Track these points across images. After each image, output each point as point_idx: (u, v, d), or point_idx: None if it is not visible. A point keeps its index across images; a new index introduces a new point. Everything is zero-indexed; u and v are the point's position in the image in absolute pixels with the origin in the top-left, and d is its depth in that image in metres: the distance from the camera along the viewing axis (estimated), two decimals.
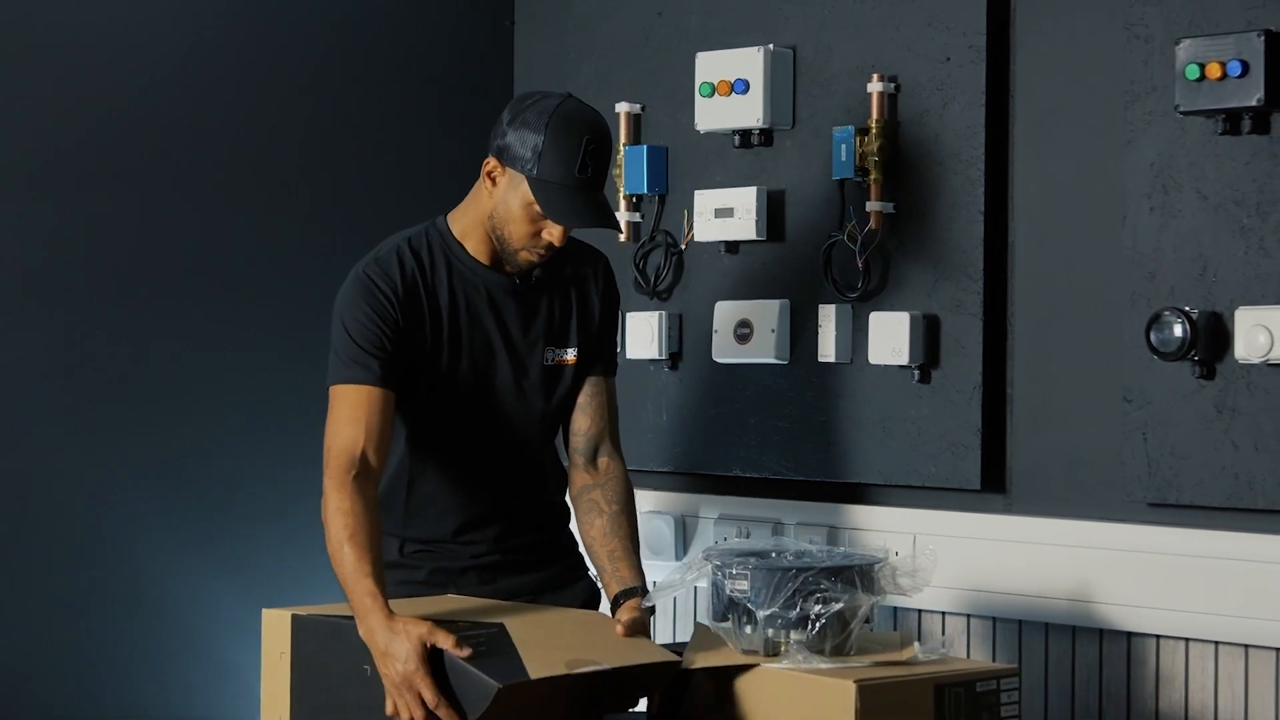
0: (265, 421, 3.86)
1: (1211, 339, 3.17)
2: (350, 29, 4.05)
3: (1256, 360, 3.09)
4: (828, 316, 3.61)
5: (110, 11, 3.68)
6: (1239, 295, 3.15)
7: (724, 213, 3.72)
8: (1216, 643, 3.19)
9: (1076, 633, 3.36)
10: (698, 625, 2.93)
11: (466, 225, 3.07)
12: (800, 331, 3.68)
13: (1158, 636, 3.26)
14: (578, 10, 4.09)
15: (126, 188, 3.68)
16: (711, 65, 3.74)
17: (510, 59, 4.33)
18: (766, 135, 3.74)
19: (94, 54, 3.65)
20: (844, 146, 3.56)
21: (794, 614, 2.70)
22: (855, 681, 2.58)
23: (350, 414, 2.93)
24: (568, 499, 3.21)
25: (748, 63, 3.69)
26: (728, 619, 2.77)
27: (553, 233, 2.97)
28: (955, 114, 3.49)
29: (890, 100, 3.57)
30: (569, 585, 3.20)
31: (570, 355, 3.12)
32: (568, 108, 2.95)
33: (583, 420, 3.17)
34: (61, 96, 3.60)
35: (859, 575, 2.74)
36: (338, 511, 2.85)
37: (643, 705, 2.88)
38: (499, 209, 2.99)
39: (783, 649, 2.72)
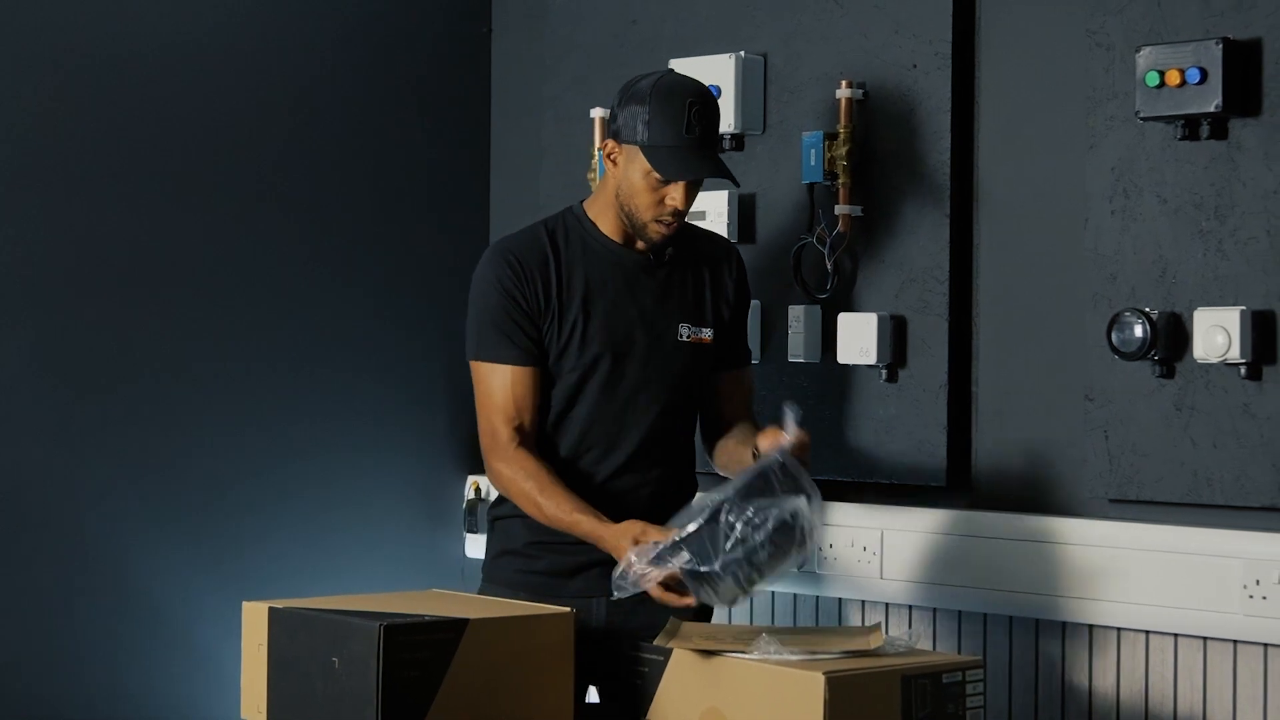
0: (248, 420, 3.84)
1: (1171, 339, 3.16)
2: (329, 36, 4.04)
3: (1215, 360, 3.09)
4: (797, 317, 3.60)
5: (104, 13, 3.65)
6: (1198, 296, 3.15)
7: (696, 215, 3.71)
8: (1176, 635, 3.19)
9: (1039, 625, 3.36)
10: (671, 620, 2.92)
11: (599, 208, 3.12)
12: (771, 332, 3.67)
13: (1118, 629, 3.26)
14: (553, 18, 4.08)
15: (111, 190, 3.66)
16: (684, 71, 3.72)
17: (488, 65, 4.32)
18: (738, 140, 3.73)
19: (86, 56, 3.62)
20: (813, 151, 3.55)
21: (741, 549, 2.71)
22: (824, 673, 2.57)
23: (501, 397, 3.03)
24: (715, 469, 3.23)
25: (719, 69, 3.68)
26: (700, 593, 2.77)
27: (675, 196, 3.01)
28: (922, 120, 3.49)
29: (858, 106, 3.56)
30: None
31: (707, 335, 3.14)
32: (668, 78, 3.05)
33: (726, 408, 3.21)
34: (50, 99, 3.58)
35: (769, 479, 2.74)
36: (513, 480, 3.01)
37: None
38: (623, 186, 3.04)
39: (756, 582, 2.72)
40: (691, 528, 2.75)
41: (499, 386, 3.05)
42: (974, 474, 3.47)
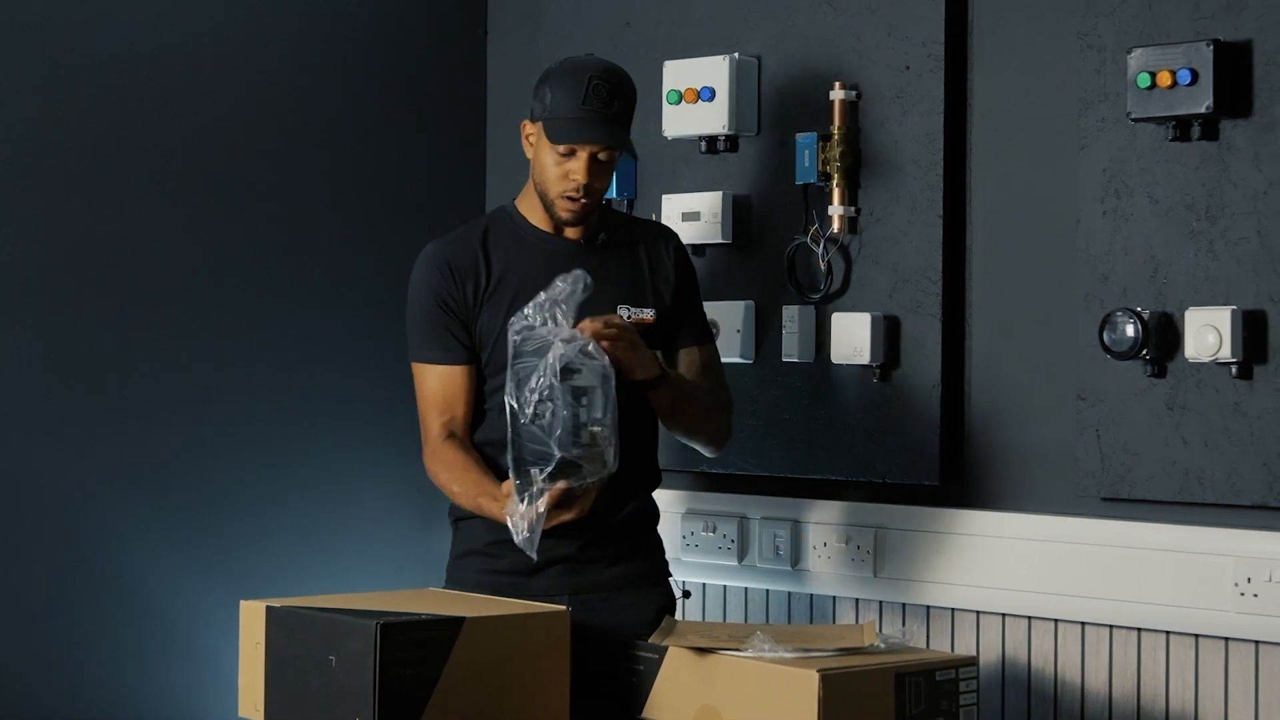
0: (246, 420, 3.84)
1: (1162, 339, 3.16)
2: (326, 39, 4.03)
3: (1206, 359, 3.09)
4: (791, 317, 3.60)
5: (105, 13, 3.65)
6: (1189, 296, 3.15)
7: (691, 216, 3.71)
8: (1168, 632, 3.19)
9: (1032, 623, 3.36)
10: (666, 618, 2.92)
11: (529, 201, 3.16)
12: (765, 332, 3.67)
13: (1111, 626, 3.26)
14: (549, 20, 4.08)
15: (107, 190, 3.66)
16: (679, 73, 3.73)
17: (483, 68, 4.32)
18: (732, 141, 3.73)
19: (85, 56, 3.62)
20: (807, 152, 3.55)
21: (560, 420, 2.77)
22: (818, 671, 2.57)
23: (433, 395, 3.10)
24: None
25: (714, 71, 3.68)
26: (582, 478, 2.82)
27: (575, 170, 3.04)
28: (915, 121, 3.49)
29: (852, 108, 3.56)
30: (647, 587, 3.16)
31: (648, 314, 3.13)
32: (575, 58, 3.12)
33: None
34: (41, 99, 3.57)
35: (515, 353, 2.81)
36: (436, 474, 3.07)
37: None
38: (535, 166, 3.10)
39: (601, 424, 2.79)
40: (510, 453, 2.82)
41: (431, 385, 3.10)
42: (967, 473, 3.47)
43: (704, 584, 3.82)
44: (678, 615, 3.24)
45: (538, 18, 4.13)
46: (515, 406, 2.80)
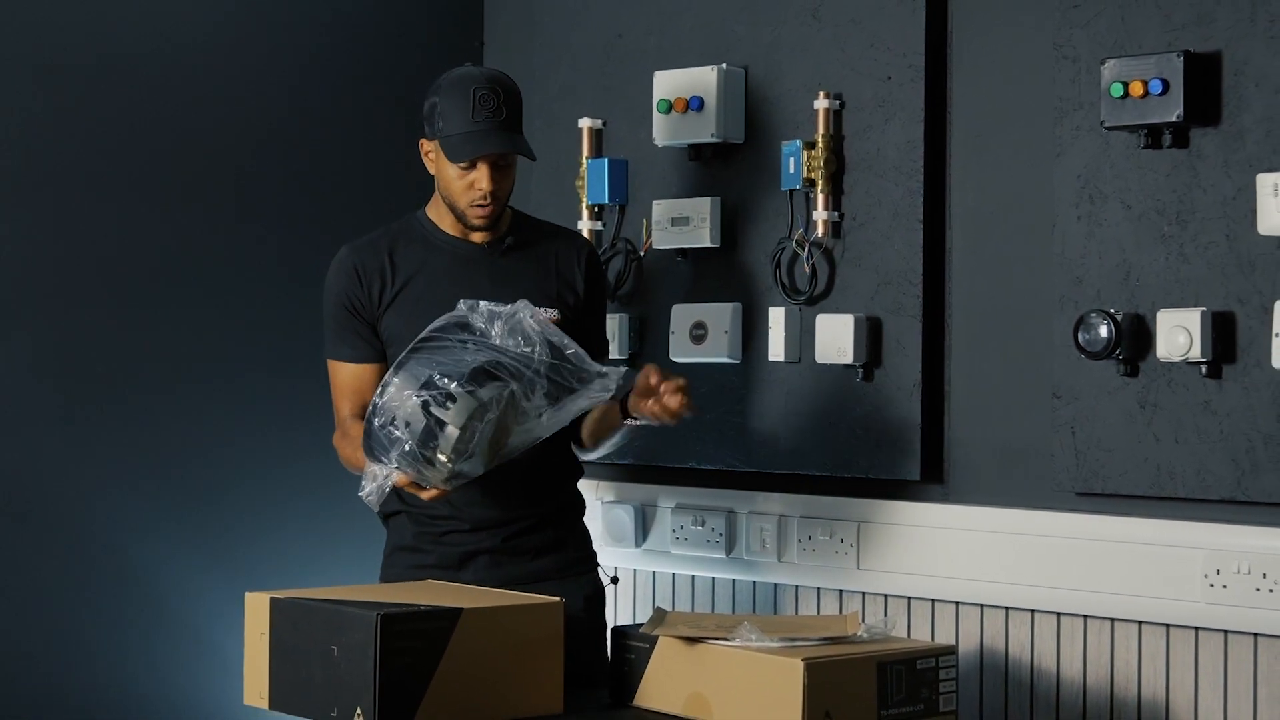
0: (251, 418, 3.84)
1: (1135, 339, 3.18)
2: (323, 49, 4.04)
3: (1176, 359, 3.10)
4: (777, 318, 3.61)
5: (107, 14, 3.66)
6: (1160, 298, 3.16)
7: (681, 221, 3.72)
8: (1140, 622, 3.21)
9: (1009, 613, 3.37)
10: (657, 609, 2.93)
11: (438, 209, 3.19)
12: (751, 332, 3.68)
13: (1085, 616, 3.27)
14: (543, 31, 4.09)
15: (112, 190, 3.66)
16: (668, 83, 3.74)
17: None
18: (720, 149, 3.74)
19: (83, 57, 3.62)
20: (792, 159, 3.56)
21: (394, 453, 2.77)
22: (803, 659, 2.58)
23: (344, 387, 3.16)
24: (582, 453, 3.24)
25: (702, 81, 3.69)
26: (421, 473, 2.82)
27: (480, 180, 3.07)
28: (896, 129, 3.50)
29: (835, 116, 3.57)
30: (575, 577, 3.18)
31: (552, 314, 3.11)
32: (457, 72, 3.12)
33: None
34: (48, 101, 3.57)
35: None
36: (341, 449, 3.13)
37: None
38: (440, 180, 3.13)
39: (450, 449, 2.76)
40: (364, 428, 2.84)
41: (343, 381, 3.15)
42: (947, 469, 3.48)
43: (693, 576, 3.83)
44: (609, 601, 3.25)
45: (532, 30, 4.13)
46: (378, 403, 2.80)
